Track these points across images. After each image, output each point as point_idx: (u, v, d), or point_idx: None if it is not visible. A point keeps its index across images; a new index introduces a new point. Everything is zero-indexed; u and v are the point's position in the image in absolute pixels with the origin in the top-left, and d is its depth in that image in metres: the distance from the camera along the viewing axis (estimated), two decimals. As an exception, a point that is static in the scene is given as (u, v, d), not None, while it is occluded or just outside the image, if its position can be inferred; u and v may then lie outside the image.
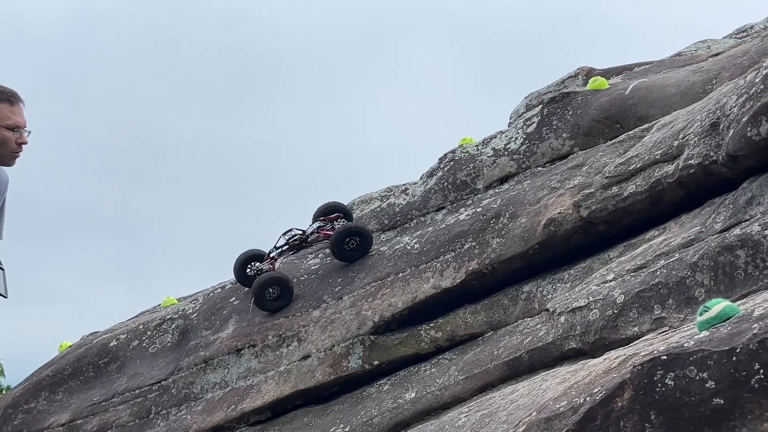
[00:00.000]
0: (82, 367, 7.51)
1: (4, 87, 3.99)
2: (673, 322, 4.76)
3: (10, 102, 3.99)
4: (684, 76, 7.24)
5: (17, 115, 4.00)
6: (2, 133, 3.97)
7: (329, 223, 7.53)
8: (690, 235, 5.12)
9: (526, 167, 7.17)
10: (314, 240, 7.55)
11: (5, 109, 3.97)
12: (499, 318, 6.26)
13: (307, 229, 7.58)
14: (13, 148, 4.01)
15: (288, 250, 7.56)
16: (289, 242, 7.55)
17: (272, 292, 6.97)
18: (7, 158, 4.05)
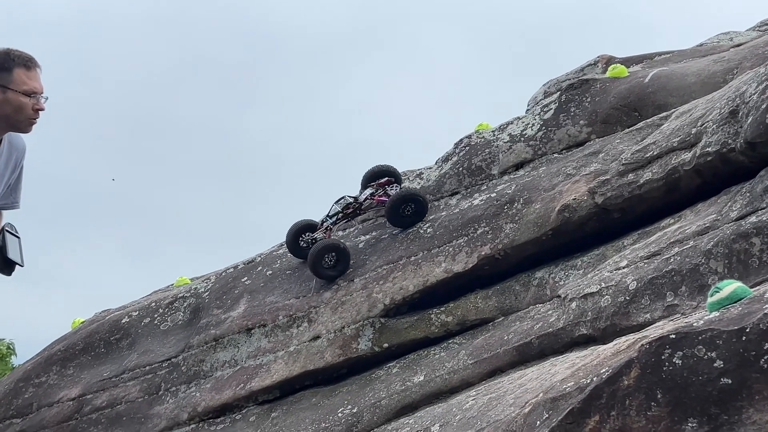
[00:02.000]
0: (94, 342, 7.54)
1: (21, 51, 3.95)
2: (686, 309, 4.71)
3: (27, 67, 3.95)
4: (705, 65, 7.16)
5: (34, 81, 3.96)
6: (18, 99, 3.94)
7: (382, 188, 7.32)
8: (705, 223, 5.06)
9: (542, 153, 7.12)
10: (368, 207, 7.34)
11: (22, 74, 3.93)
12: (510, 303, 6.22)
13: (360, 196, 7.37)
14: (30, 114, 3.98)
15: (342, 219, 7.35)
16: (342, 210, 7.34)
17: (328, 259, 6.83)
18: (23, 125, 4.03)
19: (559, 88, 7.61)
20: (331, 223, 7.29)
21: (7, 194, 4.24)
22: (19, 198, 4.27)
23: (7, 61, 3.96)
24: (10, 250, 4.03)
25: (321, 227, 7.27)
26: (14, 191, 4.27)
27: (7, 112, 3.97)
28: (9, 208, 4.29)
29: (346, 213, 7.35)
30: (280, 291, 7.10)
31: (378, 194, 7.30)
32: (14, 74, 3.95)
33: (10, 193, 4.26)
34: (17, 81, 3.93)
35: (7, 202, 4.27)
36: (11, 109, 3.97)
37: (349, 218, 7.39)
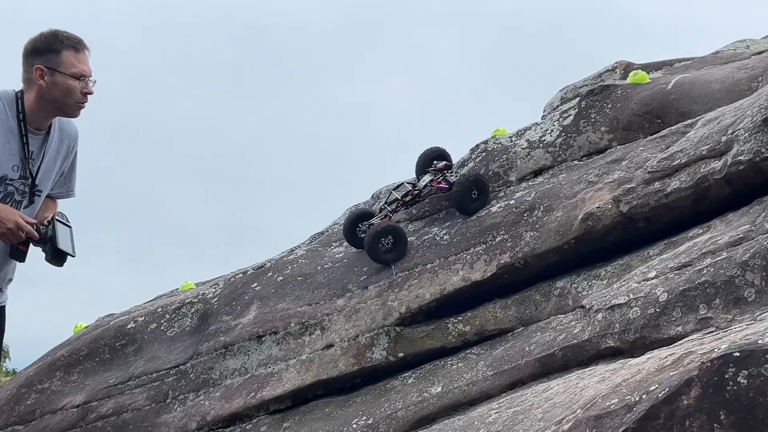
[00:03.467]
0: (99, 348, 7.36)
1: (69, 33, 3.82)
2: (720, 323, 4.57)
3: (76, 49, 3.83)
4: (728, 72, 7.03)
5: (83, 64, 3.84)
6: (67, 82, 3.82)
7: (440, 173, 7.10)
8: (738, 234, 4.92)
9: (561, 160, 6.97)
10: (427, 194, 7.11)
11: (71, 57, 3.81)
12: (530, 314, 6.07)
13: (419, 183, 7.12)
14: (79, 98, 3.86)
15: (401, 206, 7.11)
16: (401, 198, 7.10)
17: (385, 242, 6.63)
18: (71, 109, 3.90)
19: (577, 94, 7.47)
20: (390, 211, 7.05)
21: (61, 182, 4.12)
22: (74, 186, 4.15)
23: (56, 43, 3.84)
24: (60, 240, 3.87)
25: (379, 214, 7.05)
26: (68, 179, 4.15)
27: (56, 95, 3.85)
28: (63, 197, 4.17)
29: (404, 201, 7.11)
30: (292, 297, 6.93)
31: (437, 180, 7.06)
32: (63, 56, 3.83)
33: (64, 182, 4.13)
34: (66, 63, 3.81)
35: (61, 191, 4.15)
36: (59, 93, 3.85)
37: (408, 206, 7.14)
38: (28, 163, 3.86)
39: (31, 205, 3.92)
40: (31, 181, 3.88)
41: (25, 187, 3.89)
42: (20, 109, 3.80)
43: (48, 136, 3.92)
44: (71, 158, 4.07)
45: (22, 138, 3.81)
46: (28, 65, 3.82)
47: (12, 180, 3.85)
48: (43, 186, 3.96)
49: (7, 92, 3.83)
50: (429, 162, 7.23)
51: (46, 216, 3.94)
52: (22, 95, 3.83)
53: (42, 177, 3.93)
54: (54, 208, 4.09)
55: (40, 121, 3.87)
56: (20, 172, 3.86)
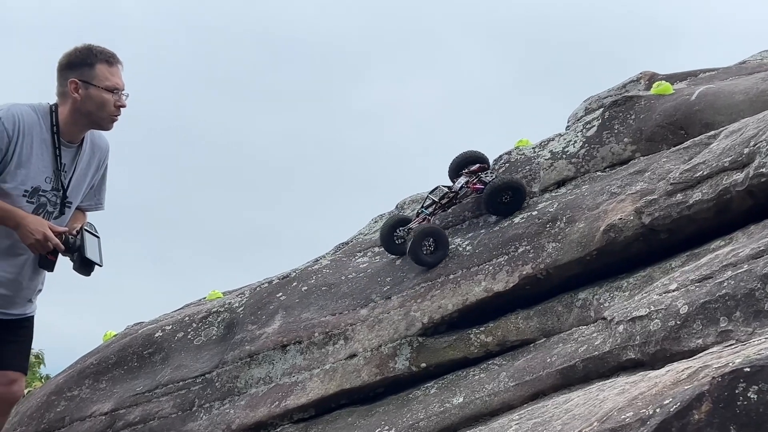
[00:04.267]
0: (127, 356, 7.48)
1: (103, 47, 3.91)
2: (740, 336, 4.56)
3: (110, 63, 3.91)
4: (752, 83, 7.01)
5: (116, 77, 3.92)
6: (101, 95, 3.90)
7: (475, 176, 7.15)
8: (760, 246, 4.91)
9: (584, 171, 6.98)
10: (463, 195, 7.16)
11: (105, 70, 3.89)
12: (552, 325, 6.09)
13: (455, 185, 7.18)
14: (112, 111, 3.94)
15: (438, 209, 7.18)
16: (438, 201, 7.16)
17: (427, 245, 6.68)
18: (105, 122, 3.99)
19: (601, 105, 7.48)
20: (428, 214, 7.10)
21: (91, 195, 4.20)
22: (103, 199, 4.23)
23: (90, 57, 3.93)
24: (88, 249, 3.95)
25: (417, 218, 7.11)
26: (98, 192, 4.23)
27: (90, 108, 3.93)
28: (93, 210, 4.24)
29: (441, 203, 7.16)
30: (316, 307, 7.00)
31: (472, 182, 7.11)
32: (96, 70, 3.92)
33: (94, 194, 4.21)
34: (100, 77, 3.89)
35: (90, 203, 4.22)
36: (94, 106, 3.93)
37: (445, 208, 7.19)
38: (61, 175, 3.95)
39: (61, 216, 4.01)
40: (62, 192, 3.97)
41: (57, 199, 3.98)
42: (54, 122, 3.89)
43: (80, 149, 4.01)
44: (102, 171, 4.15)
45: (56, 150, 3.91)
46: (63, 79, 3.92)
47: (45, 191, 3.94)
48: (74, 198, 4.04)
49: (42, 105, 3.93)
50: (464, 165, 7.27)
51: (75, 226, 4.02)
52: (56, 108, 3.92)
53: (73, 189, 4.01)
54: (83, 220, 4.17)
55: (74, 134, 3.96)
56: (53, 183, 3.95)
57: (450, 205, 7.20)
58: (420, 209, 7.21)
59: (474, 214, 7.22)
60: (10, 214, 3.82)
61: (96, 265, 3.98)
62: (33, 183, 3.90)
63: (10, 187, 3.87)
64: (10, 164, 3.84)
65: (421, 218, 7.09)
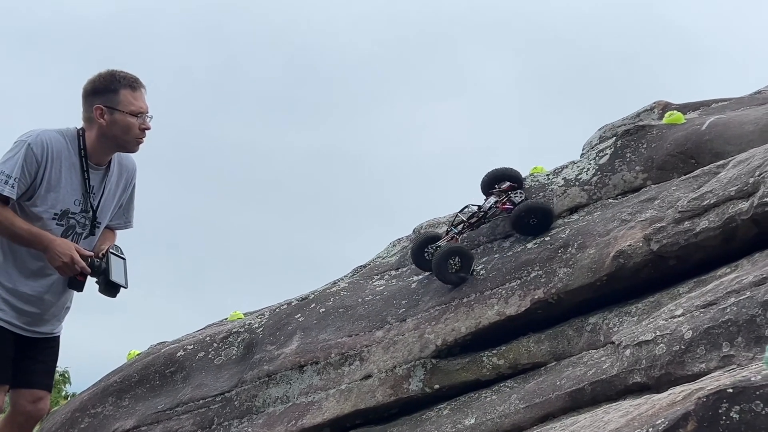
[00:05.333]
0: (149, 375, 7.68)
1: (126, 73, 4.10)
2: (742, 361, 4.68)
3: (133, 87, 4.10)
4: (762, 113, 7.13)
5: (140, 101, 4.10)
6: (126, 119, 4.08)
7: (505, 195, 7.27)
8: (763, 273, 5.03)
9: (596, 198, 7.13)
10: (492, 215, 7.28)
11: (128, 95, 4.08)
12: (563, 348, 6.22)
13: (484, 205, 7.29)
14: (137, 134, 4.12)
15: (467, 228, 7.29)
16: (466, 220, 7.28)
17: (453, 263, 6.82)
18: (131, 144, 4.17)
19: (614, 134, 7.63)
20: (456, 233, 7.24)
21: (120, 214, 4.37)
22: (132, 218, 4.40)
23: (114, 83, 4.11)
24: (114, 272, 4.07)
25: (446, 237, 7.26)
26: (126, 211, 4.40)
27: (116, 132, 4.12)
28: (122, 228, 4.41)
29: (470, 222, 7.29)
30: (333, 329, 7.18)
31: (502, 201, 7.24)
32: (121, 95, 4.10)
33: (123, 213, 4.38)
34: (124, 102, 4.08)
35: (119, 222, 4.40)
36: (119, 130, 4.11)
37: (474, 227, 7.32)
38: (89, 197, 4.12)
39: (90, 236, 4.18)
40: (92, 214, 4.14)
41: (86, 220, 4.15)
42: (82, 146, 4.07)
43: (108, 171, 4.19)
44: (129, 191, 4.33)
45: (84, 173, 4.08)
46: (89, 105, 4.11)
47: (74, 213, 4.12)
48: (102, 218, 4.23)
49: (69, 130, 4.12)
50: (494, 182, 7.40)
51: (102, 248, 4.19)
52: (83, 133, 4.11)
53: (102, 210, 4.19)
54: (112, 238, 4.35)
55: (101, 157, 4.15)
56: (81, 206, 4.12)
57: (479, 224, 7.31)
58: (449, 227, 7.35)
59: (488, 239, 7.37)
60: (38, 238, 4.00)
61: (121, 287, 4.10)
62: (62, 206, 4.08)
63: (41, 210, 4.06)
64: (40, 188, 4.03)
65: (449, 236, 7.24)
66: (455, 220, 7.36)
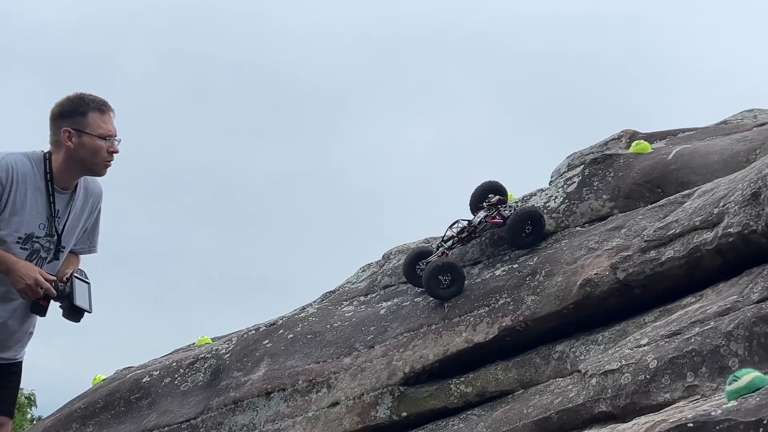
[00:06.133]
0: (114, 401, 7.58)
1: (95, 96, 4.07)
2: (706, 391, 4.71)
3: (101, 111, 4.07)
4: (728, 144, 7.23)
5: (108, 124, 4.07)
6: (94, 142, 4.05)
7: (494, 208, 7.28)
8: (726, 304, 5.08)
9: (564, 226, 7.18)
10: (482, 230, 7.28)
11: (96, 118, 4.05)
12: (530, 376, 6.23)
13: (474, 219, 7.30)
14: (105, 157, 4.09)
15: (457, 243, 7.29)
16: (456, 235, 7.27)
17: (443, 279, 6.81)
18: (99, 168, 4.13)
19: (582, 162, 7.70)
20: (446, 248, 7.23)
21: (84, 239, 4.31)
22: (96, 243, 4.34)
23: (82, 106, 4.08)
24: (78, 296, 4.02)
25: (436, 252, 7.25)
26: (91, 236, 4.34)
27: (83, 155, 4.08)
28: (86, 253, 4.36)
29: (461, 237, 7.29)
30: (301, 355, 7.14)
31: (491, 216, 7.25)
32: (89, 118, 4.07)
33: (87, 238, 4.33)
34: (92, 125, 4.04)
35: (84, 247, 4.34)
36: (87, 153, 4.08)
37: (464, 242, 7.33)
38: (54, 222, 4.08)
39: (54, 261, 4.13)
40: (56, 238, 4.09)
41: (51, 245, 4.10)
42: (48, 170, 4.04)
43: (74, 195, 4.15)
44: (95, 216, 4.28)
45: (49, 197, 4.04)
46: (56, 128, 4.07)
47: (38, 238, 4.07)
48: (67, 243, 4.18)
49: (36, 153, 4.08)
50: (483, 196, 7.42)
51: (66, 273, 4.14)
52: (50, 156, 4.07)
53: (66, 234, 4.14)
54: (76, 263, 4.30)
55: (67, 181, 4.11)
56: (46, 230, 4.07)
57: (469, 239, 7.33)
58: (440, 243, 7.35)
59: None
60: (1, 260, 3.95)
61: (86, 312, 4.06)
62: (27, 230, 4.04)
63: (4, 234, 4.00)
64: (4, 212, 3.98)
65: (440, 252, 7.25)
66: (445, 236, 7.36)
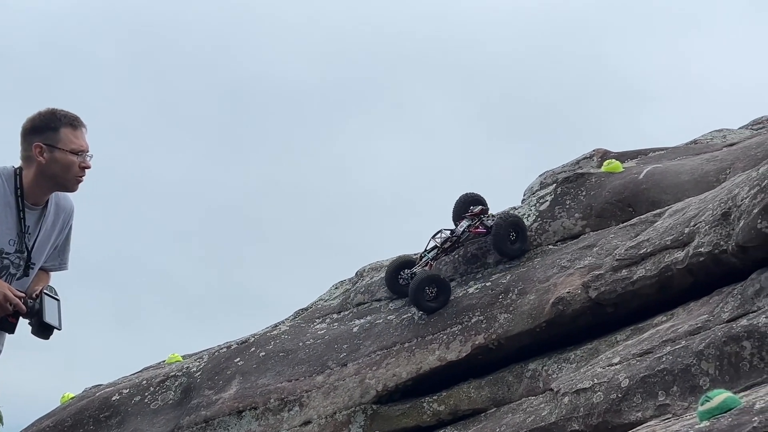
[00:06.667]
0: (83, 419, 7.48)
1: (67, 111, 4.04)
2: (677, 410, 4.74)
3: (73, 126, 4.04)
4: (698, 164, 7.31)
5: (80, 139, 4.04)
6: (67, 158, 4.01)
7: (477, 218, 7.30)
8: (697, 323, 5.12)
9: (537, 245, 7.21)
10: (465, 239, 7.28)
11: (69, 134, 4.01)
12: (503, 394, 6.24)
13: (457, 229, 7.31)
14: (77, 172, 4.05)
15: (441, 253, 7.29)
16: (440, 245, 7.26)
17: (429, 291, 6.80)
18: (71, 183, 4.09)
19: (555, 180, 7.74)
20: (431, 258, 7.23)
21: (55, 255, 4.26)
22: (67, 259, 4.28)
23: (54, 121, 4.05)
24: (47, 313, 3.98)
25: (420, 262, 7.23)
26: (62, 253, 4.29)
27: (55, 171, 4.04)
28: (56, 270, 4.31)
29: (444, 247, 7.29)
30: (273, 373, 7.09)
31: (474, 225, 7.27)
32: (61, 133, 4.03)
33: (58, 255, 4.28)
34: (65, 140, 4.01)
35: (54, 264, 4.29)
36: (59, 168, 4.04)
37: (448, 252, 7.33)
38: (25, 238, 4.03)
39: (24, 277, 4.08)
40: (26, 255, 4.04)
41: (21, 261, 4.05)
42: (18, 185, 3.99)
43: (45, 211, 4.11)
44: (66, 232, 4.24)
45: (20, 213, 3.99)
46: (27, 143, 4.04)
47: (8, 254, 4.02)
48: (37, 259, 4.13)
49: (6, 168, 4.04)
50: (465, 207, 7.44)
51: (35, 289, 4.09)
52: (20, 172, 4.03)
53: (37, 251, 4.09)
54: (46, 280, 4.25)
55: (38, 197, 4.06)
56: (16, 246, 4.02)
57: (452, 249, 7.33)
58: (423, 253, 7.34)
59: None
60: None
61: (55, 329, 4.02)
62: None
63: None
64: None
65: (423, 263, 7.24)
66: (429, 245, 7.35)
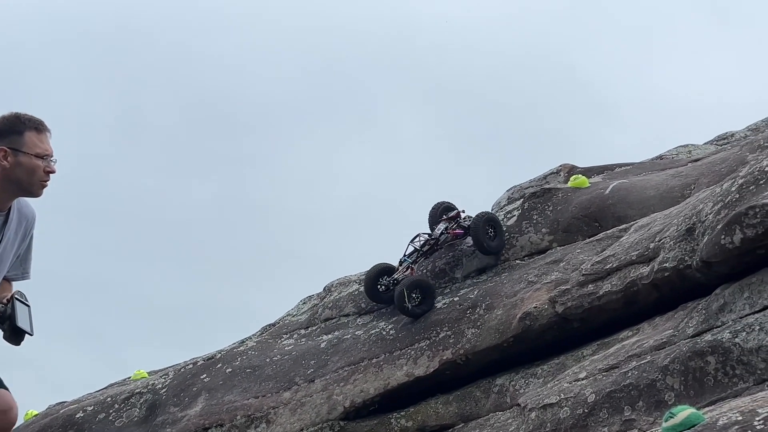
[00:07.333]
0: (46, 437, 7.37)
1: (31, 116, 3.99)
2: (643, 425, 4.76)
3: (38, 130, 3.98)
4: (663, 179, 7.38)
5: (45, 143, 3.98)
6: (31, 162, 3.95)
7: (453, 221, 7.37)
8: (662, 338, 5.15)
9: (504, 259, 7.22)
10: (444, 241, 7.33)
11: (33, 137, 3.96)
12: (470, 410, 6.23)
13: (435, 232, 7.35)
14: (42, 176, 3.99)
15: (420, 257, 7.30)
16: (419, 249, 7.28)
17: (414, 297, 6.78)
18: (35, 188, 4.03)
19: (522, 195, 7.78)
20: (411, 263, 7.22)
21: (17, 265, 4.19)
22: (30, 269, 4.21)
23: (18, 125, 3.99)
24: (19, 318, 3.92)
25: (401, 268, 7.21)
26: (24, 261, 4.21)
27: (20, 175, 3.98)
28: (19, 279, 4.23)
29: (423, 251, 7.30)
30: (239, 390, 7.03)
31: (452, 228, 7.33)
32: (26, 137, 3.98)
33: (20, 264, 4.20)
34: (29, 144, 3.95)
35: (16, 273, 4.21)
36: (24, 173, 3.98)
37: (427, 255, 7.35)
38: None
39: None
40: None
41: None
42: None
43: (7, 219, 4.04)
44: (28, 241, 4.17)
45: None
46: None
47: None
48: (1, 268, 4.05)
49: None
50: (441, 213, 7.54)
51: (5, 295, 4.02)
52: None
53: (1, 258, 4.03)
54: (10, 290, 4.17)
55: (2, 202, 4.00)
56: None
57: (432, 252, 7.36)
58: (403, 258, 7.34)
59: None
60: None
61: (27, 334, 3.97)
62: None
63: None
64: None
65: (404, 267, 7.23)
66: (408, 250, 7.35)
